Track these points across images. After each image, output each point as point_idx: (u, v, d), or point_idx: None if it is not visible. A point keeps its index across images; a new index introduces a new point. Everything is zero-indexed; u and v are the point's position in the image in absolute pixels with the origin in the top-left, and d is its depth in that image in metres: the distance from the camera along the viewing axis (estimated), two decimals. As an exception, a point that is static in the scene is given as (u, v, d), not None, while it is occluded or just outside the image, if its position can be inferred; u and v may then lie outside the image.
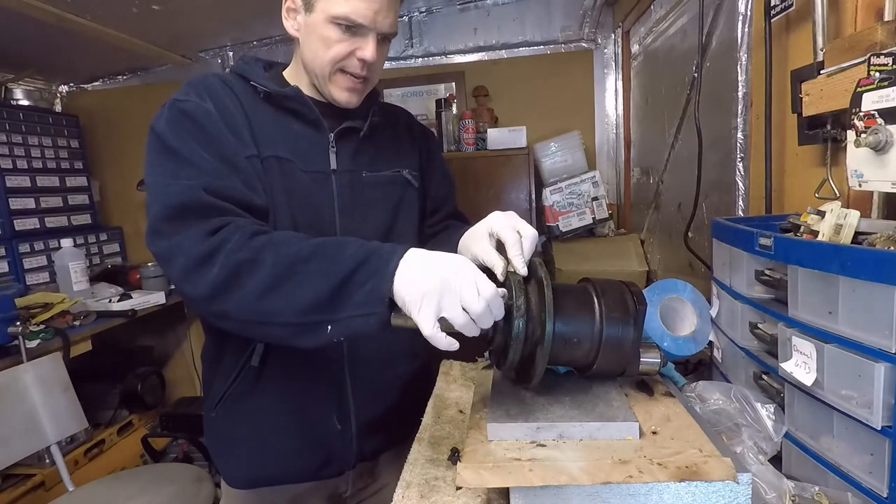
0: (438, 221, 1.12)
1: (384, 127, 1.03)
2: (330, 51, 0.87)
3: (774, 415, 0.74)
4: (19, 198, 2.52)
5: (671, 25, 1.85)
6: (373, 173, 0.99)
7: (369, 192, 0.98)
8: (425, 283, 0.64)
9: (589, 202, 2.46)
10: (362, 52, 0.86)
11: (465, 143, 2.52)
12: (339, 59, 0.87)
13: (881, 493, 0.59)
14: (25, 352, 1.76)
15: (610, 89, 2.68)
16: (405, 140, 1.08)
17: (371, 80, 0.93)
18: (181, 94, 0.87)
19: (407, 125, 1.12)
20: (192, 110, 0.84)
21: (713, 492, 0.58)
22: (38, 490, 1.88)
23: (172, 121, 0.83)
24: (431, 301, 0.64)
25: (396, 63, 2.89)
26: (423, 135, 1.14)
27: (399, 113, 1.13)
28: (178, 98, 0.86)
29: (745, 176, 1.28)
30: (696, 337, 0.93)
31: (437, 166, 1.14)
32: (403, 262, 0.67)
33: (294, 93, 0.91)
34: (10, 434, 1.59)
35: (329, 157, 0.94)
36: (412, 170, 1.05)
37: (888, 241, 0.67)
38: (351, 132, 0.96)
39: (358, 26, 0.84)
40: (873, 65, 0.73)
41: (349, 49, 0.87)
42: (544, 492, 0.60)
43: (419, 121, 1.18)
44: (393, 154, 1.03)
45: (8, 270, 2.41)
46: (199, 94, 0.87)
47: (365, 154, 0.98)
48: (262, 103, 0.92)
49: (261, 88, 0.91)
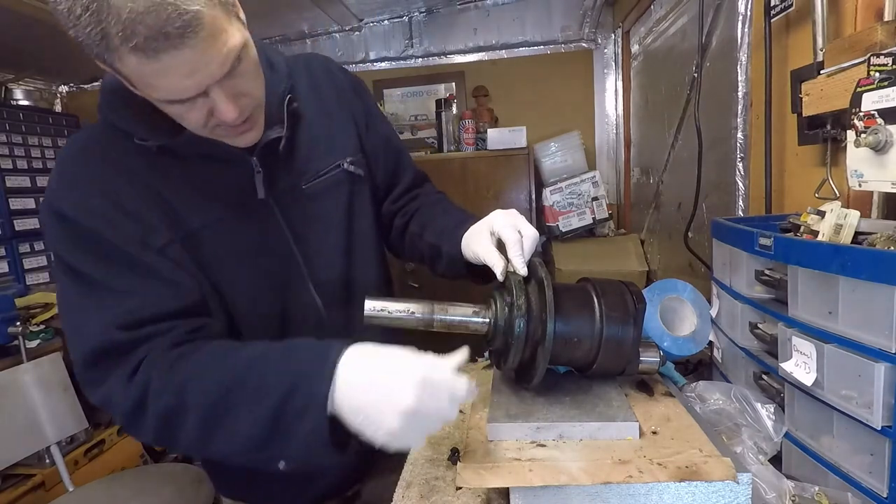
0: (401, 195, 1.00)
1: (308, 108, 0.85)
2: (188, 123, 0.67)
3: (774, 415, 0.74)
4: (19, 198, 2.52)
5: (671, 25, 1.85)
6: (313, 181, 0.84)
7: (317, 204, 0.85)
8: (392, 423, 0.55)
9: (589, 202, 2.46)
10: (219, 115, 0.65)
11: (465, 143, 2.52)
12: (202, 126, 0.67)
13: (881, 493, 0.59)
14: (25, 352, 1.77)
15: (610, 89, 2.68)
16: (335, 112, 0.90)
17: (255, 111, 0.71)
18: (56, 189, 0.70)
19: (333, 87, 0.91)
20: (75, 217, 0.68)
21: (713, 492, 0.58)
22: (38, 490, 1.88)
23: (62, 235, 0.69)
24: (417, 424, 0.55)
25: (396, 63, 2.89)
26: (353, 91, 0.94)
27: (316, 73, 0.90)
28: (53, 201, 0.69)
29: (745, 176, 1.28)
30: (696, 337, 0.93)
31: (377, 132, 0.96)
32: (338, 384, 0.57)
33: (190, 139, 0.70)
34: (10, 434, 1.59)
35: (258, 186, 0.77)
36: (352, 154, 0.89)
37: (888, 241, 0.67)
38: (272, 143, 0.77)
39: (190, 98, 0.62)
40: (873, 65, 0.73)
41: (204, 116, 0.65)
42: (544, 492, 0.60)
43: (340, 69, 0.96)
44: (326, 142, 0.87)
45: (8, 270, 2.41)
46: (74, 184, 0.70)
47: (296, 160, 0.83)
48: (159, 157, 0.72)
49: (150, 144, 0.71)
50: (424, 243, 0.92)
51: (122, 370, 0.66)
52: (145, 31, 0.53)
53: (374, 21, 2.84)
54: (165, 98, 0.62)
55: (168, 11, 0.52)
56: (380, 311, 0.68)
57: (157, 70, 0.56)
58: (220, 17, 0.58)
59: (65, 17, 0.54)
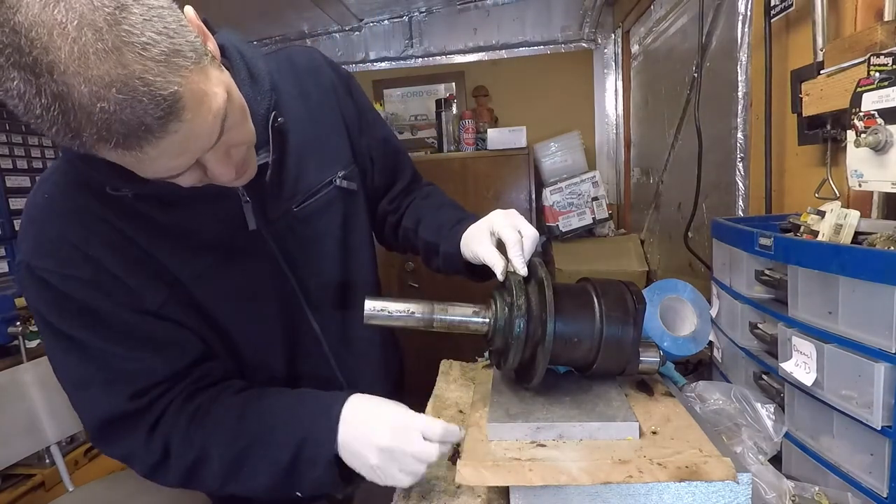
0: (397, 196, 0.98)
1: (294, 119, 0.78)
2: (180, 184, 0.59)
3: (774, 415, 0.74)
4: (19, 198, 2.52)
5: (671, 25, 1.85)
6: (304, 203, 0.79)
7: (310, 227, 0.80)
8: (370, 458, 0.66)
9: (589, 202, 2.46)
10: (215, 178, 0.60)
11: (465, 143, 2.52)
12: (196, 184, 0.61)
13: (881, 493, 0.59)
14: (25, 352, 1.77)
15: (610, 89, 2.68)
16: (324, 117, 0.83)
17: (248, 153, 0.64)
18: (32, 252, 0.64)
19: (319, 88, 0.83)
20: (63, 287, 0.63)
21: (713, 492, 0.58)
22: (38, 490, 1.88)
23: (50, 302, 0.64)
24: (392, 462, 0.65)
25: (396, 63, 2.89)
26: (344, 89, 0.87)
27: (302, 73, 0.82)
28: (33, 266, 0.63)
29: (745, 176, 1.28)
30: (696, 337, 0.93)
31: (372, 134, 0.90)
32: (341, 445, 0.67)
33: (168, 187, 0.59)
34: (10, 434, 1.59)
35: (248, 217, 0.72)
36: (344, 166, 0.84)
37: (888, 241, 0.67)
38: (259, 168, 0.69)
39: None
40: (873, 65, 0.73)
41: (199, 178, 0.60)
42: (544, 491, 0.60)
43: (328, 63, 0.87)
44: (316, 156, 0.81)
45: (8, 270, 2.40)
46: (52, 250, 0.63)
47: (286, 181, 0.77)
48: (135, 203, 0.65)
49: (125, 193, 0.63)
50: (420, 239, 0.91)
51: (140, 430, 0.69)
52: (122, 128, 0.46)
53: (374, 21, 2.84)
54: (153, 177, 0.55)
55: (143, 103, 0.45)
56: (380, 311, 0.68)
57: (143, 159, 0.50)
58: (199, 81, 0.50)
59: (22, 113, 0.45)
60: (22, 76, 0.43)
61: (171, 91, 0.46)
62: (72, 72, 0.43)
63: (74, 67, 0.43)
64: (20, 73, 0.43)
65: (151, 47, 0.45)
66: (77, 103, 0.44)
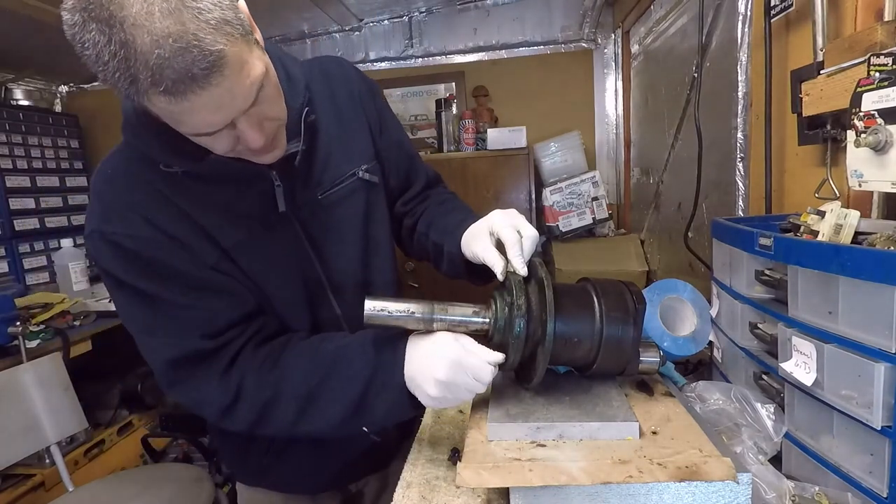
0: (412, 198, 1.03)
1: (324, 117, 0.87)
2: (215, 149, 0.69)
3: (774, 415, 0.74)
4: (19, 198, 2.52)
5: (671, 25, 1.85)
6: (329, 191, 0.87)
7: (334, 214, 0.87)
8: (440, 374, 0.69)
9: (589, 202, 2.46)
10: (246, 142, 0.67)
11: (465, 143, 2.52)
12: (229, 152, 0.69)
13: (881, 493, 0.59)
14: (25, 352, 1.76)
15: (610, 89, 2.68)
16: (350, 118, 0.91)
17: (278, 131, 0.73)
18: (101, 219, 0.73)
19: (348, 93, 0.92)
20: (133, 248, 0.72)
21: (713, 492, 0.58)
22: (38, 490, 1.88)
23: (124, 263, 0.73)
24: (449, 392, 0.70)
25: (396, 63, 2.89)
26: (369, 94, 0.95)
27: (333, 79, 0.92)
28: (104, 232, 0.72)
29: (745, 176, 1.28)
30: (696, 337, 0.93)
31: (390, 136, 0.97)
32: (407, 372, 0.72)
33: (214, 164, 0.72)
34: (10, 434, 1.59)
35: (279, 199, 0.81)
36: (367, 161, 0.91)
37: (888, 241, 0.67)
38: (290, 156, 0.79)
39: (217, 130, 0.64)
40: (873, 65, 0.73)
41: (231, 143, 0.68)
42: (544, 492, 0.60)
43: (356, 72, 0.96)
44: (342, 151, 0.89)
45: (8, 270, 2.41)
46: (119, 215, 0.73)
47: (313, 171, 0.85)
48: (183, 180, 0.75)
49: (175, 170, 0.74)
50: (430, 242, 0.93)
51: (213, 371, 0.75)
52: (172, 74, 0.54)
53: (374, 21, 2.84)
54: (193, 132, 0.64)
55: (193, 54, 0.54)
56: (380, 311, 0.68)
57: (185, 109, 0.58)
58: (242, 50, 0.59)
59: (93, 62, 0.54)
60: (98, 27, 0.52)
61: (217, 48, 0.55)
62: (139, 24, 0.52)
63: (141, 21, 0.52)
64: (97, 25, 0.52)
65: (206, 13, 0.55)
66: (139, 50, 0.52)
